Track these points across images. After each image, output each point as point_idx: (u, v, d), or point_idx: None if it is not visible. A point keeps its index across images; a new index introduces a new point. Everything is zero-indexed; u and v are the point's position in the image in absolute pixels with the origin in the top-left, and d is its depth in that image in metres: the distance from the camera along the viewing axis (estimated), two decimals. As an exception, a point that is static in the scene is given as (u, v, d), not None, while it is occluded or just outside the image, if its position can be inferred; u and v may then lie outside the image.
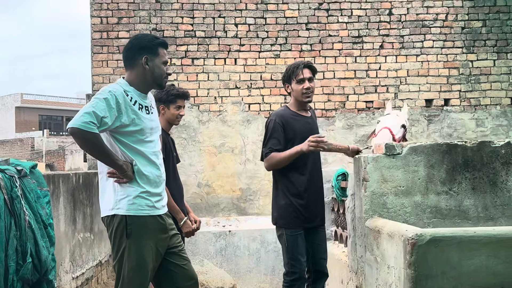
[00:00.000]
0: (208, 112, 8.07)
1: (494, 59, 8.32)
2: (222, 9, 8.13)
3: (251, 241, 7.23)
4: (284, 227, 4.32)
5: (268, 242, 7.20)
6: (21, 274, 3.64)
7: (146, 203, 3.26)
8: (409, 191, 4.09)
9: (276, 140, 4.29)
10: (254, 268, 7.22)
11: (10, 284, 3.57)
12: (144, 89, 3.40)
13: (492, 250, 3.11)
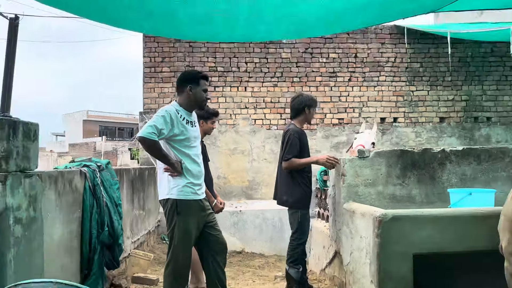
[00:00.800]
0: (225, 125, 8.13)
1: (428, 90, 8.43)
2: (236, 52, 8.21)
3: (255, 218, 7.26)
4: (300, 209, 4.39)
5: (267, 218, 7.22)
6: (100, 239, 3.70)
7: (191, 191, 3.32)
8: (374, 183, 4.15)
9: (295, 149, 4.35)
10: (257, 237, 7.24)
11: (93, 246, 3.61)
12: (189, 109, 3.46)
13: (433, 224, 3.18)
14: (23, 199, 2.39)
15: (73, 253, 3.42)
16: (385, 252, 3.09)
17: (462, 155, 4.23)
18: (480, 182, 4.19)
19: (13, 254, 2.27)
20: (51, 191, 3.04)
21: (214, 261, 3.53)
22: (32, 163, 2.57)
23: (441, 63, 8.39)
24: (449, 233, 3.18)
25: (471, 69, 8.46)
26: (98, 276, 3.62)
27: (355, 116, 8.23)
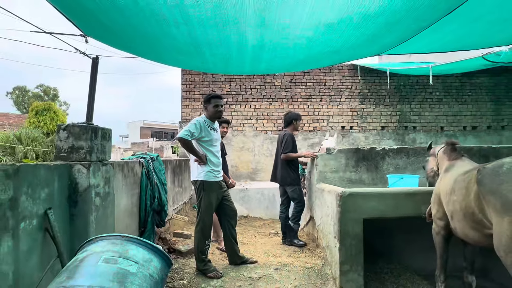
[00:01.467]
0: (237, 131, 8.10)
1: (373, 108, 8.38)
2: (244, 81, 8.19)
3: (256, 193, 7.24)
4: (297, 185, 4.45)
5: (265, 194, 7.17)
6: (152, 207, 3.70)
7: (212, 175, 3.34)
8: (337, 171, 4.13)
9: (290, 146, 4.38)
10: (257, 206, 7.21)
11: (147, 212, 3.62)
12: (212, 119, 3.45)
13: (377, 199, 3.18)
14: (101, 180, 2.40)
15: (133, 217, 3.43)
16: (344, 217, 3.09)
17: (396, 152, 4.22)
18: (409, 170, 4.19)
19: (94, 217, 2.28)
20: (119, 175, 3.05)
21: (228, 223, 3.55)
22: (107, 156, 2.57)
23: (382, 89, 8.36)
24: (388, 204, 3.17)
25: (403, 94, 8.43)
26: (151, 232, 3.63)
27: (324, 125, 8.21)
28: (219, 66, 3.89)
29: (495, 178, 1.82)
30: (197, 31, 2.79)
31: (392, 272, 3.53)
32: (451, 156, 2.69)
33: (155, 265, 1.64)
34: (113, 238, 1.68)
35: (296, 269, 3.49)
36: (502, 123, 8.48)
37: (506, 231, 1.68)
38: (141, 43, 3.27)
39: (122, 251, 1.59)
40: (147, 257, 1.63)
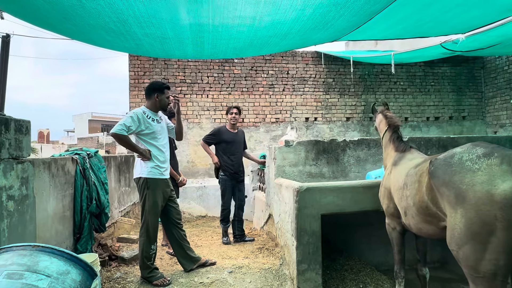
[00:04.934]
0: (193, 123, 7.92)
1: (338, 98, 8.57)
2: (200, 68, 7.99)
3: (215, 191, 7.07)
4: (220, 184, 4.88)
5: (224, 191, 7.08)
6: (89, 210, 3.50)
7: (158, 172, 3.23)
8: (296, 164, 4.14)
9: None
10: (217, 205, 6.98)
11: (83, 215, 3.41)
12: (155, 110, 3.32)
13: (335, 193, 3.21)
14: (15, 180, 2.18)
15: (66, 221, 3.20)
16: (301, 214, 3.10)
17: (357, 143, 4.31)
18: (370, 162, 4.30)
19: (6, 224, 2.06)
20: (45, 174, 2.82)
21: (175, 226, 3.47)
22: (24, 152, 2.34)
23: (347, 79, 8.56)
24: (347, 199, 3.22)
25: (368, 83, 8.69)
26: (88, 238, 3.42)
27: (288, 116, 8.27)
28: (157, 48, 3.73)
29: (448, 169, 1.86)
30: (118, 3, 2.61)
31: (352, 268, 3.61)
32: (399, 148, 2.77)
33: (73, 277, 1.51)
34: (21, 248, 1.52)
35: (252, 271, 3.47)
36: (463, 114, 9.05)
37: (459, 224, 1.73)
38: (62, 20, 3.01)
39: (31, 263, 1.44)
40: (63, 269, 1.49)
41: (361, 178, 4.13)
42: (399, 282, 2.76)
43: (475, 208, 1.66)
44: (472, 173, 1.73)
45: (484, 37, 4.16)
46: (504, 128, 8.46)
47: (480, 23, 3.53)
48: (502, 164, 1.67)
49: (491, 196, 1.62)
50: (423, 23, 3.26)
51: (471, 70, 9.09)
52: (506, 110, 8.41)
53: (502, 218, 1.59)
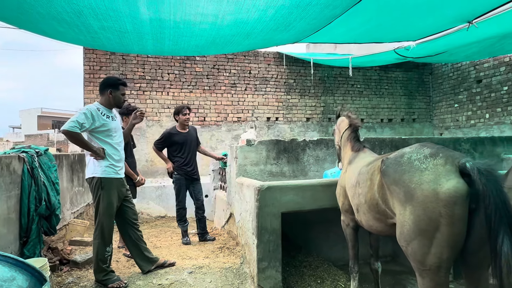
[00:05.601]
0: (152, 121, 7.69)
1: (299, 98, 8.75)
2: (161, 64, 7.79)
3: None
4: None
5: (185, 190, 6.95)
6: (38, 211, 3.29)
7: (112, 171, 3.10)
8: (257, 163, 4.17)
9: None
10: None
11: (31, 217, 3.20)
12: (110, 107, 3.19)
13: (295, 191, 3.27)
14: (-48, 180, 1.98)
15: (11, 224, 2.97)
16: (262, 212, 3.13)
17: (316, 143, 4.43)
18: (328, 162, 4.43)
19: None
20: (-14, 173, 2.59)
21: (132, 227, 3.36)
22: (-38, 149, 2.14)
23: (307, 80, 8.77)
24: (306, 197, 3.29)
25: (327, 85, 8.96)
26: (36, 241, 3.20)
27: (249, 116, 8.31)
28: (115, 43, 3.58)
29: (398, 168, 1.94)
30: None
31: (310, 265, 3.71)
32: (354, 147, 2.90)
33: (19, 284, 1.40)
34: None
35: (213, 271, 3.45)
36: (413, 116, 9.64)
37: (408, 220, 1.80)
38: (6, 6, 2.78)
39: (-31, 271, 1.32)
40: (7, 276, 1.39)
41: (319, 176, 4.25)
42: (353, 276, 2.88)
43: (422, 206, 1.74)
44: (420, 172, 1.81)
45: (432, 45, 4.47)
46: (448, 130, 9.13)
47: (429, 32, 3.79)
48: (446, 164, 1.77)
49: (436, 194, 1.70)
50: (378, 29, 3.43)
51: (421, 75, 9.71)
52: (450, 113, 9.08)
53: (446, 215, 1.68)
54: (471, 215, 1.71)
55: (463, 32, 3.60)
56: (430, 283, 1.78)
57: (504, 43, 5.19)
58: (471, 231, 1.72)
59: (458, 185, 1.69)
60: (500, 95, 7.68)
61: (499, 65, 7.70)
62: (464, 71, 8.62)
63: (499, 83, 7.70)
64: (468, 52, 5.83)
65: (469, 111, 8.48)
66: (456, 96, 8.88)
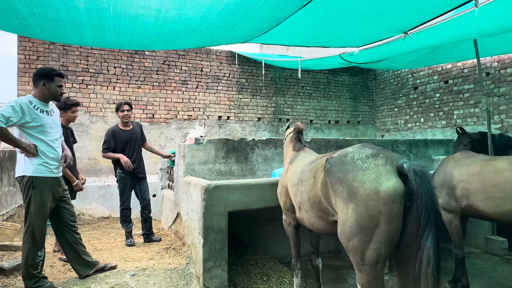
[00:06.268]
0: (96, 116, 7.28)
1: (250, 98, 8.82)
2: (107, 57, 7.40)
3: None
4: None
5: (131, 190, 6.66)
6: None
7: (46, 169, 2.87)
8: (206, 162, 4.13)
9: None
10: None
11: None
12: (44, 100, 2.95)
13: (242, 190, 3.29)
14: None
15: None
16: (208, 211, 3.10)
17: (265, 142, 4.49)
18: (277, 161, 4.52)
19: None
20: None
21: (69, 229, 3.14)
22: None
23: (259, 80, 8.87)
24: (253, 196, 3.33)
25: (278, 86, 9.14)
26: (-46, 248, 2.87)
27: (201, 114, 8.20)
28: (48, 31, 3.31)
29: (342, 167, 2.01)
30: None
31: (257, 263, 3.76)
32: (296, 147, 3.00)
33: None
34: None
35: (157, 272, 3.35)
36: (358, 119, 10.17)
37: (350, 218, 1.87)
38: None
39: None
40: None
41: (268, 176, 4.31)
42: (296, 273, 2.97)
43: (364, 204, 1.81)
44: (363, 171, 1.90)
45: (373, 52, 4.75)
46: (389, 133, 9.78)
47: (370, 39, 4.03)
48: (386, 164, 1.88)
49: (377, 193, 1.79)
50: (324, 34, 3.57)
51: (365, 80, 10.28)
52: (391, 117, 9.73)
53: (385, 212, 1.77)
54: (406, 213, 1.83)
55: (400, 42, 3.89)
56: (368, 277, 1.88)
57: (436, 54, 5.68)
58: (405, 227, 1.84)
59: (397, 185, 1.80)
60: (433, 101, 8.39)
61: (432, 73, 8.41)
62: (403, 78, 9.28)
63: (432, 90, 8.41)
64: (406, 61, 6.28)
65: (407, 115, 9.16)
66: (396, 101, 9.53)
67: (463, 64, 7.65)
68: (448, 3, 2.96)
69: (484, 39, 4.70)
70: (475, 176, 3.04)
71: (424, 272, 1.74)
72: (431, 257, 1.73)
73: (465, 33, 3.93)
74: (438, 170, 3.46)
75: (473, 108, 7.45)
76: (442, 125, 8.16)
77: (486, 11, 3.02)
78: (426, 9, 3.08)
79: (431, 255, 1.73)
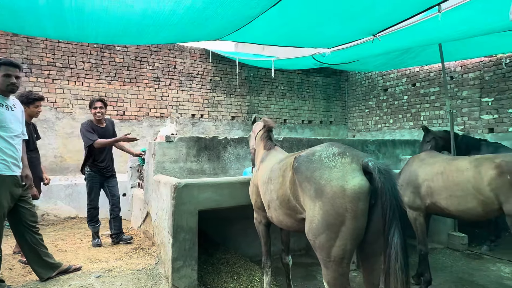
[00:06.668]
0: (63, 113, 6.98)
1: (224, 97, 8.76)
2: (74, 51, 7.11)
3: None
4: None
5: (99, 189, 6.45)
6: None
7: (3, 167, 2.70)
8: (177, 160, 4.08)
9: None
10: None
11: None
12: (2, 93, 2.77)
13: (213, 189, 3.27)
14: None
15: None
16: (178, 210, 3.06)
17: (238, 141, 4.49)
18: (249, 159, 4.51)
19: None
20: None
21: (29, 230, 2.98)
22: None
23: (233, 79, 8.83)
24: (224, 194, 3.31)
25: (252, 85, 9.14)
26: None
27: (173, 112, 8.06)
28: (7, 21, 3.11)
29: (310, 166, 2.04)
30: None
31: (228, 261, 3.75)
32: (266, 145, 3.02)
33: None
34: None
35: (124, 273, 3.26)
36: (330, 119, 10.36)
37: (317, 216, 1.89)
38: None
39: None
40: None
41: (240, 174, 4.31)
42: (266, 271, 2.98)
43: (331, 202, 1.84)
44: (330, 169, 1.93)
45: (344, 53, 4.85)
46: (360, 133, 10.03)
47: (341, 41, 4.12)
48: (352, 162, 1.92)
49: (343, 191, 1.82)
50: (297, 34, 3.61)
51: (338, 81, 10.48)
52: (362, 118, 9.98)
53: (351, 209, 1.81)
54: (370, 210, 1.87)
55: (370, 44, 3.99)
56: (333, 273, 1.90)
57: (404, 57, 5.88)
58: (369, 224, 1.89)
59: (362, 182, 1.84)
60: (401, 103, 8.69)
61: (401, 76, 8.71)
62: (374, 80, 9.55)
63: (401, 92, 8.70)
64: (376, 63, 6.46)
65: (377, 116, 9.43)
66: (367, 102, 9.79)
67: (429, 68, 7.97)
68: (413, 8, 3.07)
69: (448, 44, 4.92)
70: (439, 175, 3.17)
71: (393, 267, 1.78)
72: (399, 252, 1.77)
73: (430, 37, 4.09)
74: (404, 170, 3.59)
75: (438, 110, 7.78)
76: (409, 126, 8.46)
77: (448, 17, 3.16)
78: (393, 12, 3.17)
79: (398, 250, 1.77)
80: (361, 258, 2.06)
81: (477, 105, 6.97)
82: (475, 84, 7.00)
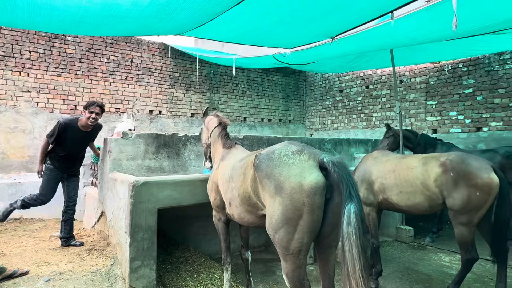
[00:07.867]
0: (5, 105, 6.43)
1: (184, 93, 8.60)
2: (19, 39, 6.58)
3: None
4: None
5: (47, 188, 6.04)
6: None
7: None
8: (134, 158, 3.95)
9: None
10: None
11: None
12: None
13: (173, 187, 3.22)
14: None
15: None
16: (136, 209, 2.97)
17: (198, 138, 4.43)
18: (209, 157, 4.49)
19: None
20: None
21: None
22: None
23: (193, 75, 8.69)
24: (184, 192, 3.27)
25: (212, 82, 9.06)
26: None
27: (130, 107, 7.75)
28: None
29: (270, 163, 2.11)
30: None
31: (187, 260, 3.71)
32: (226, 144, 3.04)
33: None
34: None
35: (77, 276, 3.09)
36: (289, 118, 10.58)
37: (276, 211, 1.96)
38: None
39: None
40: None
41: (200, 172, 4.27)
42: (226, 268, 2.99)
43: (289, 197, 1.92)
44: (288, 166, 2.01)
45: (303, 54, 4.98)
46: (317, 132, 10.36)
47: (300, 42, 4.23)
48: (309, 159, 2.01)
49: (301, 186, 1.91)
50: (258, 33, 3.64)
51: (297, 81, 10.73)
52: (319, 117, 10.31)
53: (308, 204, 1.89)
54: (326, 204, 1.97)
55: (328, 46, 4.14)
56: (291, 266, 1.99)
57: (359, 61, 6.17)
58: (325, 217, 1.99)
59: (318, 178, 1.94)
60: (356, 104, 9.11)
61: (356, 78, 9.12)
62: (330, 81, 9.90)
63: (356, 94, 9.12)
64: (333, 65, 6.71)
65: (333, 116, 9.79)
66: (324, 102, 10.13)
67: (381, 71, 8.44)
68: (369, 14, 3.24)
69: (399, 50, 5.25)
70: (391, 173, 3.38)
71: (346, 231, 1.77)
72: (351, 215, 1.77)
73: (383, 42, 4.34)
74: (358, 167, 3.77)
75: (389, 111, 8.26)
76: (363, 126, 8.89)
77: (400, 24, 3.37)
78: (350, 17, 3.32)
79: (351, 214, 1.78)
80: (317, 251, 2.15)
81: (423, 108, 7.51)
82: (421, 88, 7.53)
